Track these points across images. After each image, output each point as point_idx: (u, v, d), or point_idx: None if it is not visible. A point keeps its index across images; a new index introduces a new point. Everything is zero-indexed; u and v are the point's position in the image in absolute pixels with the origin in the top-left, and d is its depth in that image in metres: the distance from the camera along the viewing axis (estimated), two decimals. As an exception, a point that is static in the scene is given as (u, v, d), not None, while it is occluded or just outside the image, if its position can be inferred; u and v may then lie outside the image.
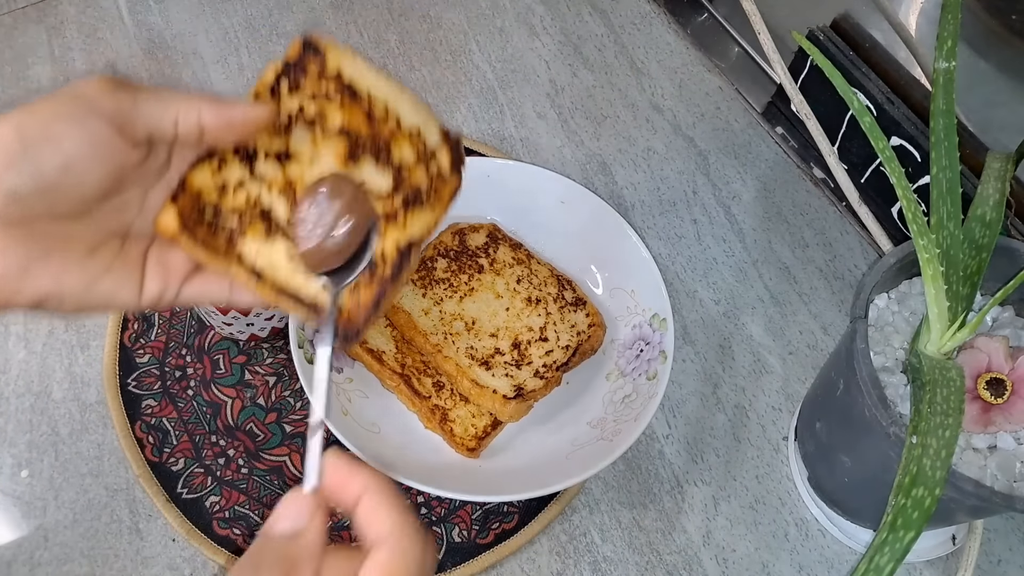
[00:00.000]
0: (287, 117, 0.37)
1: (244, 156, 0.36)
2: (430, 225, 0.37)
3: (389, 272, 0.36)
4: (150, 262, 0.34)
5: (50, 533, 0.52)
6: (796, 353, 0.63)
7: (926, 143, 0.61)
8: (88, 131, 0.31)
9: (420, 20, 0.80)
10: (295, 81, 0.37)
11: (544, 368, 0.55)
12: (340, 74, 0.37)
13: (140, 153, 0.33)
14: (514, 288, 0.58)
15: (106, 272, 0.33)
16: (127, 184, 0.34)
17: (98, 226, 0.33)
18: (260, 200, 0.36)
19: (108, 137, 0.31)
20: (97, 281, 0.32)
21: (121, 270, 0.33)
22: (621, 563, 0.54)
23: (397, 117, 0.38)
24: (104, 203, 0.33)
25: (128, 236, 0.34)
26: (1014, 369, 0.42)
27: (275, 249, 0.35)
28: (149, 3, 0.79)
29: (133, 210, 0.35)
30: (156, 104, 0.32)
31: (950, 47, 0.45)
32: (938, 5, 0.47)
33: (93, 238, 0.33)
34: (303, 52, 0.37)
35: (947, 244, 0.44)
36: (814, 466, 0.55)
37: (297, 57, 0.37)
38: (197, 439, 0.56)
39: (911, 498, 0.36)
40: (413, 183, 0.37)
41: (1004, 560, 0.54)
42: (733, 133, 0.74)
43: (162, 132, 0.33)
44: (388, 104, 0.38)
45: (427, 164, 0.38)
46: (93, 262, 0.32)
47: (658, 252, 0.67)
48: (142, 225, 0.35)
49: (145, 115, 0.32)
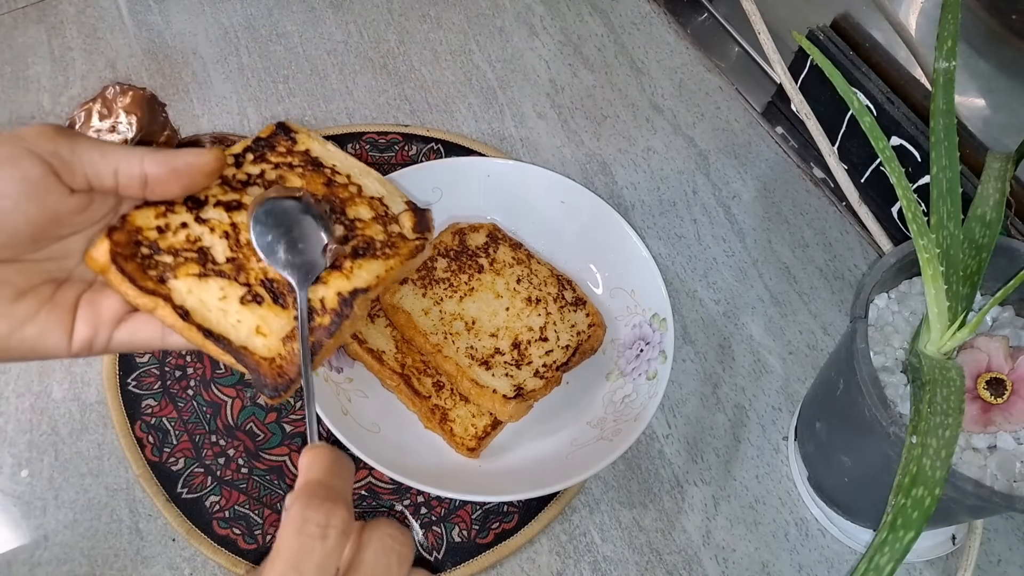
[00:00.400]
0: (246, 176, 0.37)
1: (192, 204, 0.36)
2: (380, 275, 0.36)
3: (328, 320, 0.35)
4: (81, 307, 0.34)
5: (50, 533, 0.52)
6: (796, 353, 0.63)
7: (926, 143, 0.61)
8: (21, 170, 0.30)
9: (420, 20, 0.80)
10: (261, 154, 0.37)
11: (544, 368, 0.55)
12: (308, 151, 0.38)
13: (81, 200, 0.32)
14: (514, 288, 0.58)
15: (32, 318, 0.32)
16: (67, 230, 0.33)
17: (31, 271, 0.32)
18: (200, 240, 0.35)
19: (42, 177, 0.31)
20: (22, 326, 0.32)
21: (49, 316, 0.32)
22: (621, 563, 0.54)
23: (359, 186, 0.38)
24: (39, 248, 0.32)
25: (65, 282, 0.34)
26: (1014, 369, 0.42)
27: (208, 289, 0.34)
28: (149, 3, 0.79)
29: (75, 258, 0.34)
30: (96, 152, 0.32)
31: (950, 47, 0.45)
32: (938, 5, 0.47)
33: (23, 283, 0.32)
34: (275, 132, 0.38)
35: (947, 244, 0.44)
36: (814, 466, 0.55)
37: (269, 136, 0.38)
38: (197, 439, 0.56)
39: (911, 498, 0.36)
40: (365, 235, 0.37)
41: (1004, 560, 0.55)
42: (733, 133, 0.74)
43: (101, 179, 0.32)
44: (351, 176, 0.38)
45: (386, 225, 0.38)
46: (20, 307, 0.32)
47: (658, 252, 0.67)
48: (83, 272, 0.34)
49: (84, 161, 0.32)
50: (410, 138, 0.70)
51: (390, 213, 0.39)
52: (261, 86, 0.74)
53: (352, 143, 0.70)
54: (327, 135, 0.70)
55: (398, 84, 0.75)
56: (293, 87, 0.74)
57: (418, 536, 0.53)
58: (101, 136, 0.55)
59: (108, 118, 0.55)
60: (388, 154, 0.69)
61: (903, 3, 0.64)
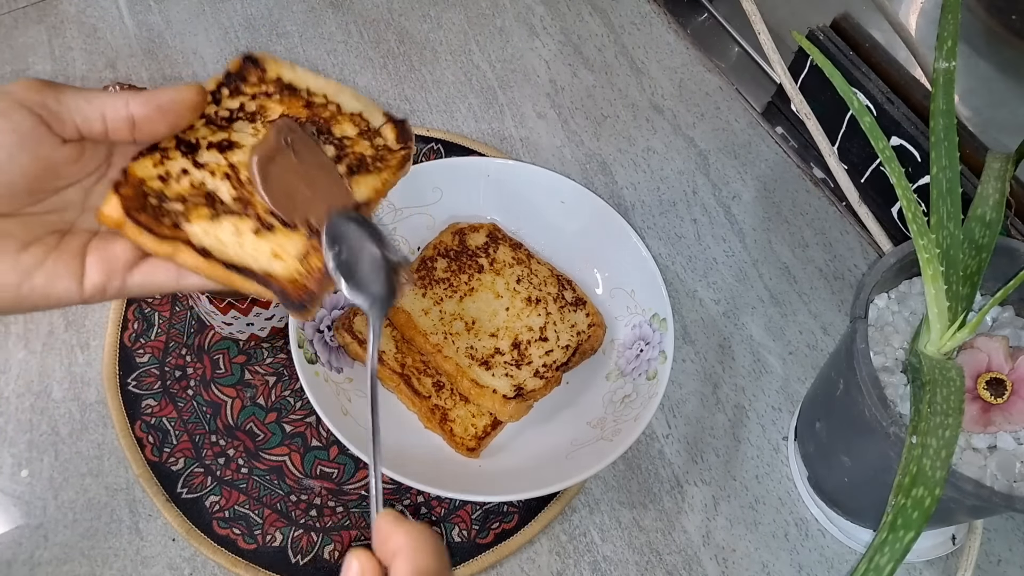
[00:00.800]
0: (227, 112, 0.38)
1: (186, 149, 0.36)
2: (378, 188, 0.38)
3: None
4: (91, 255, 0.34)
5: (50, 533, 0.52)
6: (796, 353, 0.63)
7: (926, 143, 0.61)
8: (12, 122, 0.31)
9: (420, 20, 0.80)
10: (235, 88, 0.38)
11: (544, 368, 0.55)
12: (280, 79, 0.39)
13: (73, 150, 0.33)
14: (514, 288, 0.58)
15: (40, 266, 0.33)
16: (62, 181, 0.34)
17: (32, 224, 0.33)
18: (204, 184, 0.36)
19: (33, 128, 0.31)
20: (31, 275, 0.32)
21: (57, 263, 0.33)
22: (621, 563, 0.54)
23: (337, 104, 0.39)
24: (38, 201, 0.33)
25: (68, 233, 0.34)
26: (1014, 369, 0.42)
27: (222, 228, 0.35)
28: (149, 3, 0.79)
29: (74, 209, 0.35)
30: (81, 99, 0.33)
31: (950, 47, 0.45)
32: (938, 5, 0.47)
33: (26, 235, 0.33)
34: (243, 65, 0.39)
35: (947, 244, 0.44)
36: (814, 466, 0.55)
37: (238, 69, 0.38)
38: (197, 439, 0.56)
39: (911, 498, 0.36)
40: (356, 151, 0.38)
41: (1004, 560, 0.54)
42: (733, 133, 0.74)
43: (90, 125, 0.33)
44: (328, 95, 0.39)
45: (371, 139, 0.39)
46: (26, 256, 0.32)
47: (658, 252, 0.67)
48: (84, 223, 0.35)
49: (71, 108, 0.33)
50: (410, 138, 0.70)
51: (372, 127, 0.40)
52: (261, 86, 0.74)
53: (352, 143, 0.70)
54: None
55: (398, 84, 0.75)
56: (293, 87, 0.74)
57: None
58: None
59: (108, 118, 0.55)
60: (388, 154, 0.69)
61: (903, 3, 0.64)
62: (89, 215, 0.35)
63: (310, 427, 0.56)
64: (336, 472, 0.55)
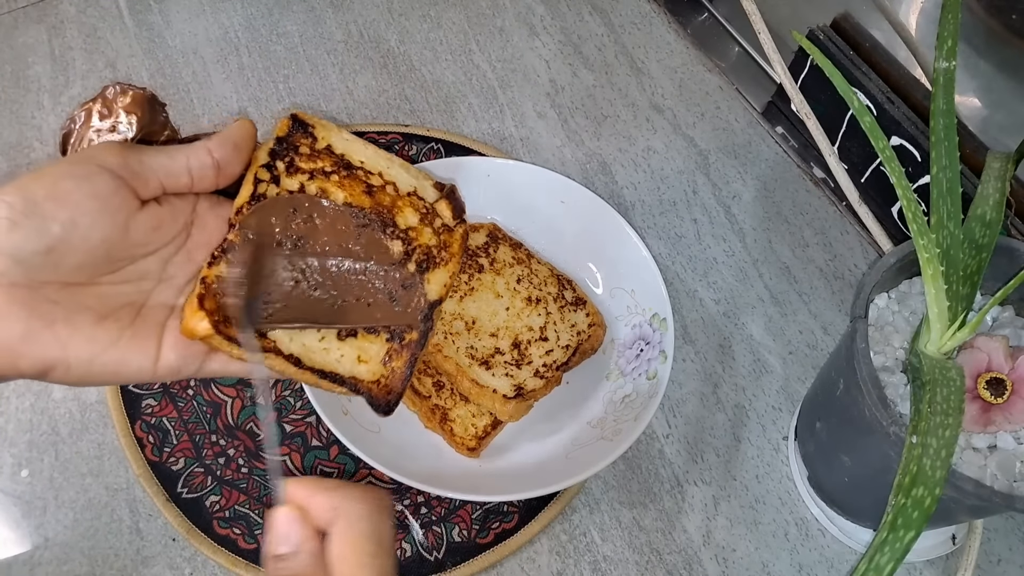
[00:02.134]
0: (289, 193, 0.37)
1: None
2: (447, 283, 0.38)
3: (416, 335, 0.37)
4: (168, 335, 0.34)
5: (50, 533, 0.52)
6: (796, 353, 0.63)
7: (926, 143, 0.61)
8: (94, 185, 0.31)
9: (420, 20, 0.80)
10: (290, 160, 0.37)
11: (544, 368, 0.55)
12: (331, 148, 0.38)
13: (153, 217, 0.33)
14: (514, 288, 0.58)
15: (114, 343, 0.32)
16: (141, 249, 0.33)
17: (108, 295, 0.33)
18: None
19: (114, 192, 0.31)
20: (104, 351, 0.32)
21: (132, 342, 0.32)
22: (621, 563, 0.54)
23: (394, 184, 0.39)
24: (115, 269, 0.33)
25: (145, 306, 0.34)
26: (1014, 369, 0.42)
27: (306, 334, 0.36)
28: (149, 3, 0.79)
29: (152, 279, 0.34)
30: (164, 156, 0.33)
31: (950, 47, 0.45)
32: (938, 5, 0.47)
33: (102, 307, 0.32)
34: (292, 129, 0.38)
35: (947, 244, 0.44)
36: (814, 466, 0.55)
37: (287, 133, 0.38)
38: (197, 439, 0.56)
39: (911, 498, 0.36)
40: (423, 245, 0.38)
41: (1004, 560, 0.55)
42: (733, 133, 0.74)
43: (175, 180, 0.33)
44: (383, 173, 0.39)
45: (431, 222, 0.39)
46: (101, 332, 0.31)
47: (658, 252, 0.67)
48: (161, 296, 0.34)
49: (154, 167, 0.33)
50: (410, 138, 0.70)
51: (428, 206, 0.39)
52: (261, 86, 0.74)
53: (352, 143, 0.70)
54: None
55: (398, 84, 0.75)
56: (293, 87, 0.74)
57: (418, 536, 0.53)
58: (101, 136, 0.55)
59: (108, 118, 0.55)
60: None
61: (903, 3, 0.64)
62: (166, 286, 0.35)
63: (310, 427, 0.56)
64: (336, 472, 0.55)
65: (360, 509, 0.30)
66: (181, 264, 0.35)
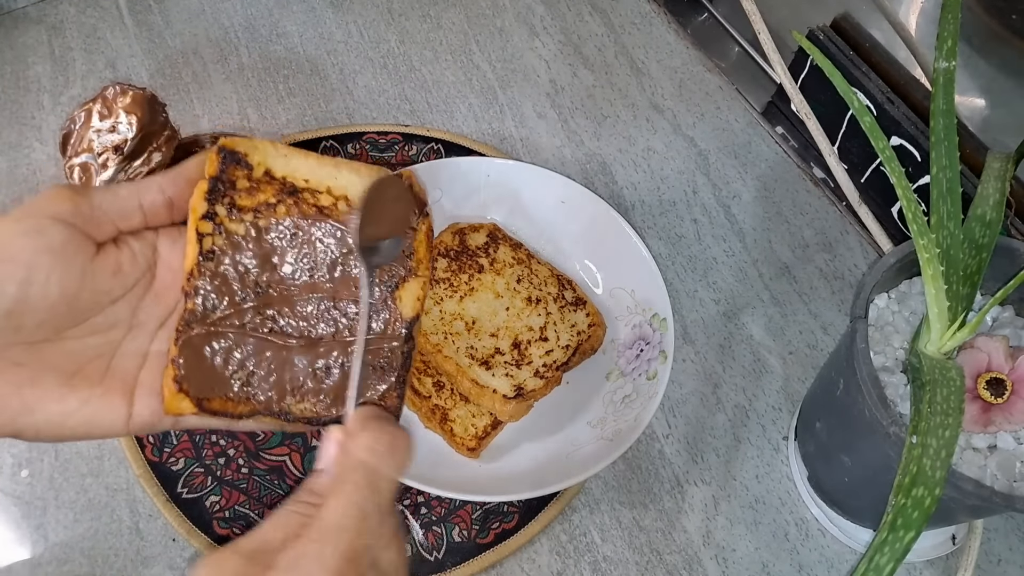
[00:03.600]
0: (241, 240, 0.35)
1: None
2: (419, 295, 0.35)
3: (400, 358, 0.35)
4: (140, 390, 0.33)
5: (50, 533, 0.52)
6: (796, 353, 0.63)
7: (926, 143, 0.61)
8: (45, 238, 0.30)
9: (420, 20, 0.80)
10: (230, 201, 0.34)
11: (544, 368, 0.55)
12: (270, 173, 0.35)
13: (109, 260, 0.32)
14: (514, 288, 0.58)
15: (85, 403, 0.31)
16: (104, 296, 0.32)
17: (75, 351, 0.32)
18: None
19: (67, 239, 0.30)
20: (76, 411, 0.31)
21: (103, 399, 0.31)
22: (621, 563, 0.54)
23: (345, 196, 0.35)
24: (78, 320, 0.32)
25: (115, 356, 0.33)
26: (1014, 369, 0.42)
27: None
28: (149, 3, 0.79)
29: (121, 328, 0.33)
30: (112, 196, 0.32)
31: (950, 47, 0.45)
32: (938, 5, 0.47)
33: (71, 363, 0.31)
34: (223, 164, 0.34)
35: (947, 244, 0.44)
36: (814, 466, 0.55)
37: (219, 170, 0.34)
38: (197, 439, 0.56)
39: (911, 498, 0.36)
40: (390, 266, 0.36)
41: (1004, 560, 0.55)
42: (733, 133, 0.74)
43: (128, 219, 0.32)
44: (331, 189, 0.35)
45: None
46: (70, 391, 0.31)
47: (658, 252, 0.67)
48: (134, 344, 0.33)
49: (105, 208, 0.32)
50: (410, 138, 0.70)
51: None
52: (261, 86, 0.74)
53: (352, 143, 0.70)
54: (327, 135, 0.70)
55: (398, 84, 0.75)
56: (293, 87, 0.74)
57: (418, 536, 0.53)
58: (101, 136, 0.55)
59: (108, 118, 0.55)
60: (388, 154, 0.69)
61: (903, 3, 0.64)
62: (138, 332, 0.34)
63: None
64: (336, 472, 0.55)
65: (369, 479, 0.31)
66: (150, 308, 0.34)
